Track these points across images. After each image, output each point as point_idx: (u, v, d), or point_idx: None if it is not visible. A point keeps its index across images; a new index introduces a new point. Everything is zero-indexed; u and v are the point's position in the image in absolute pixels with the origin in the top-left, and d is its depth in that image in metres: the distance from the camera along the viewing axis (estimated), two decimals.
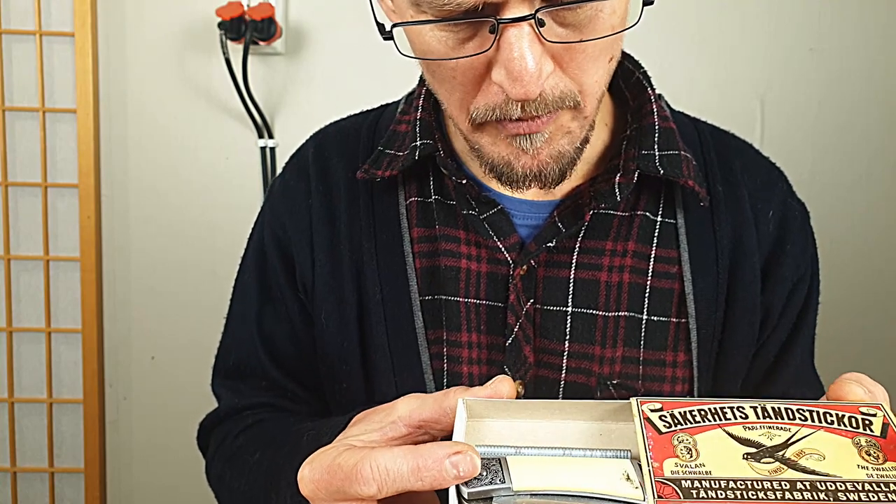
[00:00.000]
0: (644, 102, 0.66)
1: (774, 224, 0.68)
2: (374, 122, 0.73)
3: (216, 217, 1.48)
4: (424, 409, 0.43)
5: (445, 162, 0.64)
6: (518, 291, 0.63)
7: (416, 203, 0.67)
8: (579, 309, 0.64)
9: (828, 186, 1.48)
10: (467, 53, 0.51)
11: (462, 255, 0.65)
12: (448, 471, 0.37)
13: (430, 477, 0.37)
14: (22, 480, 1.56)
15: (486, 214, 0.64)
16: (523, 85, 0.49)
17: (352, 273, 0.67)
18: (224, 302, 0.78)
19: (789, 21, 1.45)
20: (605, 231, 0.64)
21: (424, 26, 0.50)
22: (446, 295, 0.64)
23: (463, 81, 0.53)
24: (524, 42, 0.48)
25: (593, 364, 0.63)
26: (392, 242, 0.66)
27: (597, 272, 0.64)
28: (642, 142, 0.64)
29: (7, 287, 1.49)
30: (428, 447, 0.38)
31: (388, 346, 0.65)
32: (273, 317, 0.73)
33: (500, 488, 0.37)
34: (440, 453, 0.37)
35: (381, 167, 0.66)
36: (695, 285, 0.65)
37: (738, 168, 0.69)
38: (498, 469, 0.38)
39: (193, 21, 1.43)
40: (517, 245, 0.64)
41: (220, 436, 0.72)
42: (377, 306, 0.65)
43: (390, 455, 0.38)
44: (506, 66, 0.49)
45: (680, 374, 0.65)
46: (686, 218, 0.66)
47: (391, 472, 0.38)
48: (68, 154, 1.46)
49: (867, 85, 1.47)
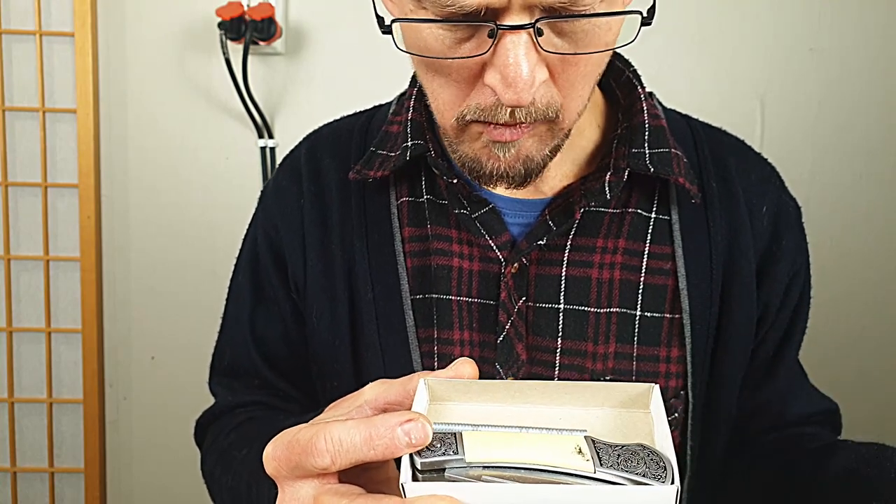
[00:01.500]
0: (634, 101, 0.67)
1: (769, 220, 0.69)
2: (366, 123, 0.73)
3: (216, 217, 1.48)
4: (390, 392, 0.44)
5: (437, 162, 0.64)
6: (510, 289, 0.63)
7: (407, 203, 0.68)
8: (571, 306, 0.64)
9: (828, 186, 1.48)
10: (463, 54, 0.51)
11: (454, 253, 0.65)
12: (400, 438, 0.37)
13: (383, 445, 0.37)
14: (22, 480, 1.56)
15: (478, 213, 0.64)
16: (516, 91, 0.49)
17: (343, 272, 0.67)
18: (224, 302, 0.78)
19: (789, 21, 1.45)
20: (596, 228, 0.65)
21: (423, 23, 0.51)
22: (438, 293, 0.65)
23: (457, 80, 0.54)
24: (521, 49, 0.49)
25: (586, 360, 0.64)
26: (383, 242, 0.67)
27: (588, 269, 0.65)
28: (632, 140, 0.64)
29: (7, 287, 1.49)
30: (380, 417, 0.38)
31: (380, 345, 0.66)
32: (266, 317, 0.74)
33: (452, 459, 0.37)
34: (392, 421, 0.37)
35: (372, 168, 0.67)
36: (689, 281, 0.65)
37: (733, 164, 0.69)
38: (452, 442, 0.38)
39: (193, 21, 1.43)
40: (508, 243, 0.64)
41: (215, 432, 0.73)
42: (368, 305, 0.66)
43: (343, 427, 0.38)
44: (501, 71, 0.49)
45: (674, 369, 0.66)
46: (681, 214, 0.66)
47: (344, 443, 0.38)
48: (68, 154, 1.46)
49: (867, 85, 1.47)
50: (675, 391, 0.66)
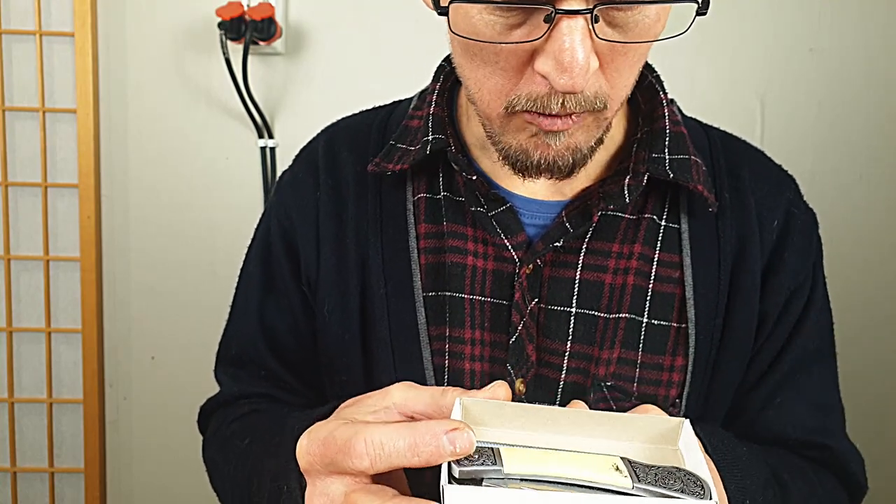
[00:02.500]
0: (656, 106, 0.66)
1: (777, 232, 0.68)
2: (385, 118, 0.73)
3: (216, 217, 1.48)
4: (419, 401, 0.44)
5: (457, 157, 0.64)
6: (524, 290, 0.63)
7: (424, 199, 0.67)
8: (583, 310, 0.64)
9: (828, 186, 1.48)
10: (514, 40, 0.51)
11: (469, 251, 0.65)
12: (445, 446, 0.37)
13: (427, 452, 0.37)
14: (22, 480, 1.56)
15: (495, 212, 0.64)
16: (572, 77, 0.49)
17: (356, 266, 0.67)
18: (224, 302, 0.78)
19: (789, 21, 1.45)
20: (613, 233, 0.65)
21: (473, 8, 0.50)
22: (451, 291, 0.65)
23: (505, 67, 0.53)
24: (577, 35, 0.48)
25: (590, 365, 0.64)
26: (397, 237, 0.67)
27: (602, 274, 0.64)
28: (653, 145, 0.64)
29: (7, 287, 1.49)
30: (424, 423, 0.38)
31: (390, 341, 0.65)
32: (275, 308, 0.73)
33: (491, 469, 0.37)
34: (437, 429, 0.37)
35: (392, 161, 0.67)
36: (695, 291, 0.65)
37: (747, 176, 0.69)
38: (490, 454, 0.38)
39: (193, 21, 1.43)
40: (524, 244, 0.64)
41: (218, 421, 0.74)
42: (380, 300, 0.66)
43: (386, 430, 0.38)
44: (556, 56, 0.49)
45: (676, 378, 0.65)
46: (690, 223, 0.66)
47: (386, 447, 0.38)
48: (68, 154, 1.46)
49: (867, 85, 1.46)
50: (673, 400, 0.66)
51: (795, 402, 0.69)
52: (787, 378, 0.69)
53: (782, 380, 0.69)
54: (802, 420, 0.68)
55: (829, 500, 0.67)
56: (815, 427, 0.69)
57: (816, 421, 0.69)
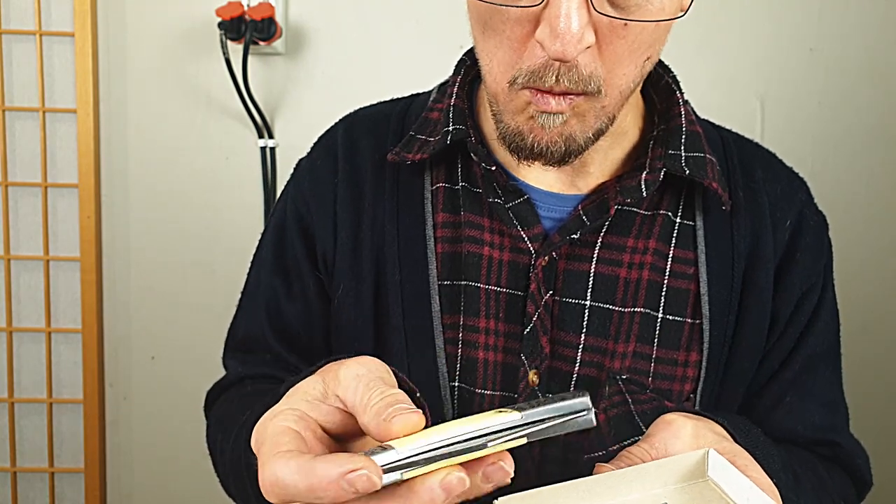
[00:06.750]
0: (672, 105, 0.67)
1: (789, 232, 0.69)
2: (404, 110, 0.74)
3: (216, 217, 1.48)
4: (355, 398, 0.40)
5: (476, 148, 0.65)
6: (539, 281, 0.64)
7: (442, 189, 0.68)
8: (597, 303, 0.65)
9: (827, 186, 1.48)
10: (520, 5, 0.52)
11: (485, 242, 0.66)
12: (345, 489, 0.34)
13: (329, 497, 0.35)
14: (22, 480, 1.56)
15: (512, 203, 0.65)
16: (563, 43, 0.50)
17: (372, 253, 0.68)
18: (224, 302, 0.78)
19: (789, 21, 1.45)
20: (628, 228, 0.65)
21: None
22: (467, 280, 0.65)
23: (511, 37, 0.54)
24: (574, 3, 0.50)
25: (605, 358, 0.64)
26: (414, 226, 0.67)
27: (617, 268, 0.65)
28: (669, 142, 0.65)
29: (7, 287, 1.49)
30: (322, 465, 0.35)
31: (403, 327, 0.66)
32: (285, 293, 0.73)
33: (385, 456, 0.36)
34: (334, 473, 0.35)
35: (411, 151, 0.67)
36: (710, 287, 0.65)
37: (760, 176, 0.70)
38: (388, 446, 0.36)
39: (193, 21, 1.43)
40: (540, 236, 0.65)
41: (221, 402, 0.74)
42: (395, 287, 0.66)
43: (286, 470, 0.36)
44: (551, 23, 0.50)
45: (690, 373, 0.66)
46: (705, 221, 0.67)
47: (289, 489, 0.36)
48: (68, 154, 1.46)
49: (867, 85, 1.46)
50: (687, 395, 0.66)
51: (806, 401, 0.70)
52: (797, 377, 0.70)
53: (793, 379, 0.70)
54: (812, 418, 0.70)
55: (839, 493, 0.68)
56: (824, 425, 0.70)
57: (825, 419, 0.70)
